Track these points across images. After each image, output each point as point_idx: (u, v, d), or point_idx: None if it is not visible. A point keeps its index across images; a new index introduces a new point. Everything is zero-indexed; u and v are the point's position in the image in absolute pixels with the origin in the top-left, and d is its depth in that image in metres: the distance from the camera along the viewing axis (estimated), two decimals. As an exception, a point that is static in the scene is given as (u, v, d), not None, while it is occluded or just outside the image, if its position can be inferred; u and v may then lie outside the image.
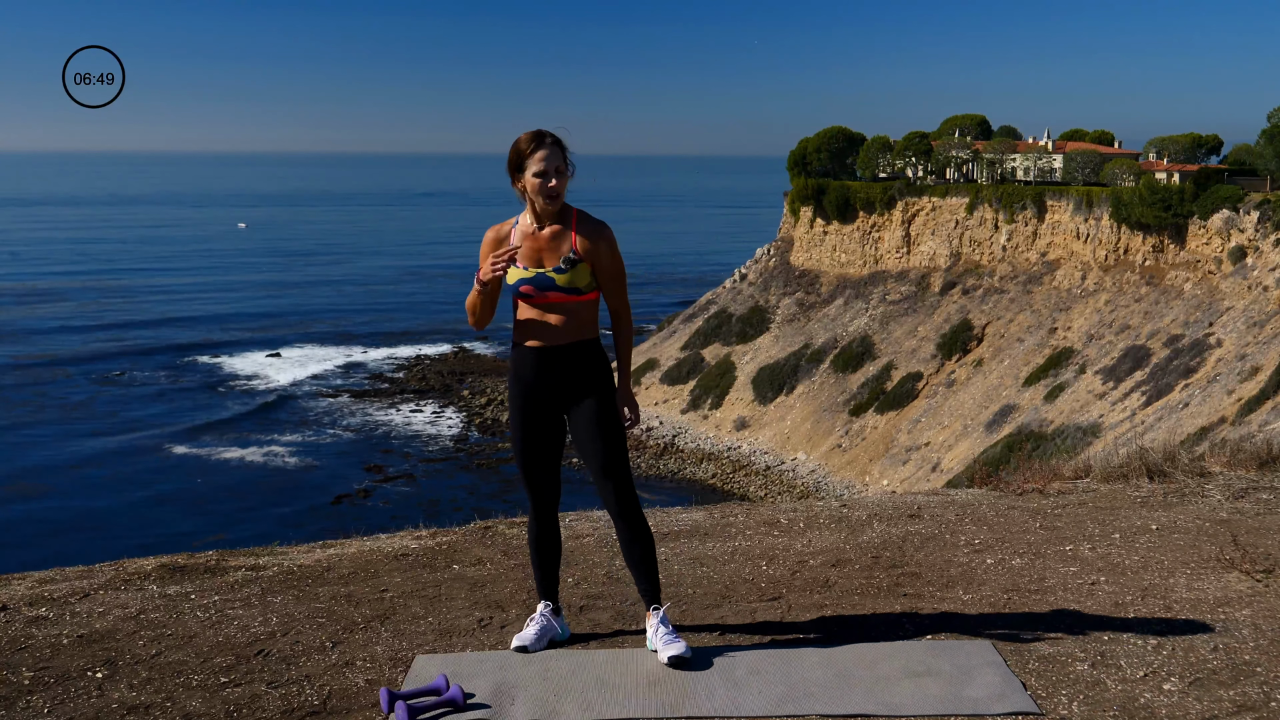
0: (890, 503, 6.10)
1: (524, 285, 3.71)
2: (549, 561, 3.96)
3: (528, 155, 3.64)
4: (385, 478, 50.55)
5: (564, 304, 3.72)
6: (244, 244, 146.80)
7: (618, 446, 3.78)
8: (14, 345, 73.79)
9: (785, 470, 53.58)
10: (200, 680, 3.62)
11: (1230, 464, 6.69)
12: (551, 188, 3.65)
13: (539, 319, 3.73)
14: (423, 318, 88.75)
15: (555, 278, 3.68)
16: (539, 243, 3.72)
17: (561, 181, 3.67)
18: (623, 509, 3.79)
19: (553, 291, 3.69)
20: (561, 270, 3.68)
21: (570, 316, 3.73)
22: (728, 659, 3.75)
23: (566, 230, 3.74)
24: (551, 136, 3.67)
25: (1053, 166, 60.08)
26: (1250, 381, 39.35)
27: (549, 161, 3.63)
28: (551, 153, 3.64)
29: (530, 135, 3.67)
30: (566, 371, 3.75)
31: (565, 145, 3.70)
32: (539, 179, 3.64)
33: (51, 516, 43.40)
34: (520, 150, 3.66)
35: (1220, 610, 4.24)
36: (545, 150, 3.63)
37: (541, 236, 3.73)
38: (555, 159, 3.65)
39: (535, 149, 3.64)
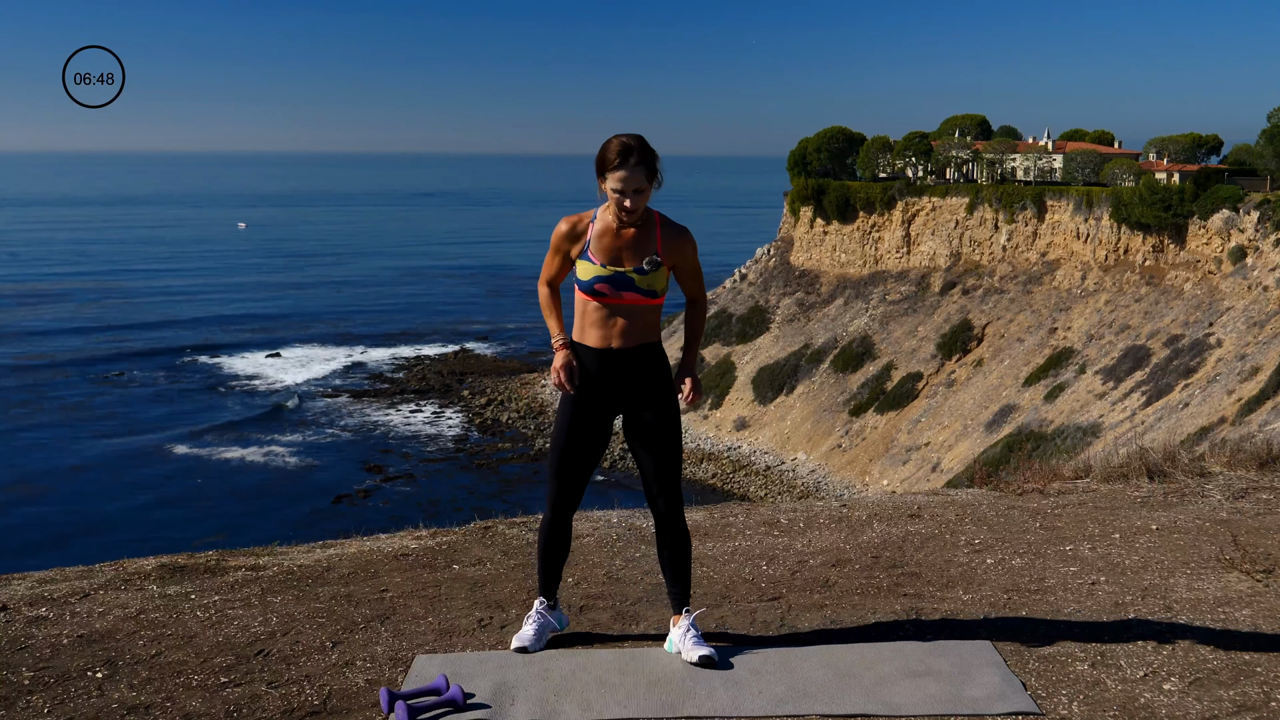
0: (890, 503, 6.10)
1: (600, 283, 3.64)
2: (556, 561, 3.92)
3: (610, 168, 3.57)
4: (385, 478, 50.55)
5: (636, 306, 3.68)
6: (244, 244, 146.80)
7: (676, 455, 3.79)
8: (14, 346, 73.78)
9: (785, 470, 53.59)
10: (200, 680, 3.62)
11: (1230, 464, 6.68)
12: (627, 207, 3.58)
13: (607, 319, 3.68)
14: (423, 318, 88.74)
15: (635, 278, 3.64)
16: (620, 241, 3.67)
17: (638, 200, 3.58)
18: (670, 515, 3.79)
19: (629, 292, 3.65)
20: (643, 272, 3.64)
21: (640, 320, 3.71)
22: (728, 659, 3.75)
23: (650, 232, 3.69)
24: (637, 156, 3.56)
25: (1053, 166, 60.07)
26: (1250, 381, 39.35)
27: (627, 183, 3.55)
28: (632, 175, 3.55)
29: (618, 148, 3.57)
30: (628, 374, 3.73)
31: (653, 159, 3.60)
32: (617, 195, 3.58)
33: (51, 516, 43.40)
34: (605, 159, 3.58)
35: (1220, 610, 4.24)
36: (625, 171, 3.54)
37: (625, 235, 3.68)
38: (635, 180, 3.56)
39: (618, 166, 3.55)
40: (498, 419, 60.20)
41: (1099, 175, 55.94)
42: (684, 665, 3.69)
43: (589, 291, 3.67)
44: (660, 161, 3.63)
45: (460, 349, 77.07)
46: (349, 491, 47.97)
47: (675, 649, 3.79)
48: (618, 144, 3.57)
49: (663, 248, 3.67)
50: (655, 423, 3.76)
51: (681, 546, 3.82)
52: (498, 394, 64.49)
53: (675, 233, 3.72)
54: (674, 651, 3.79)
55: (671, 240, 3.70)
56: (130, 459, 51.67)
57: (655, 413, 3.77)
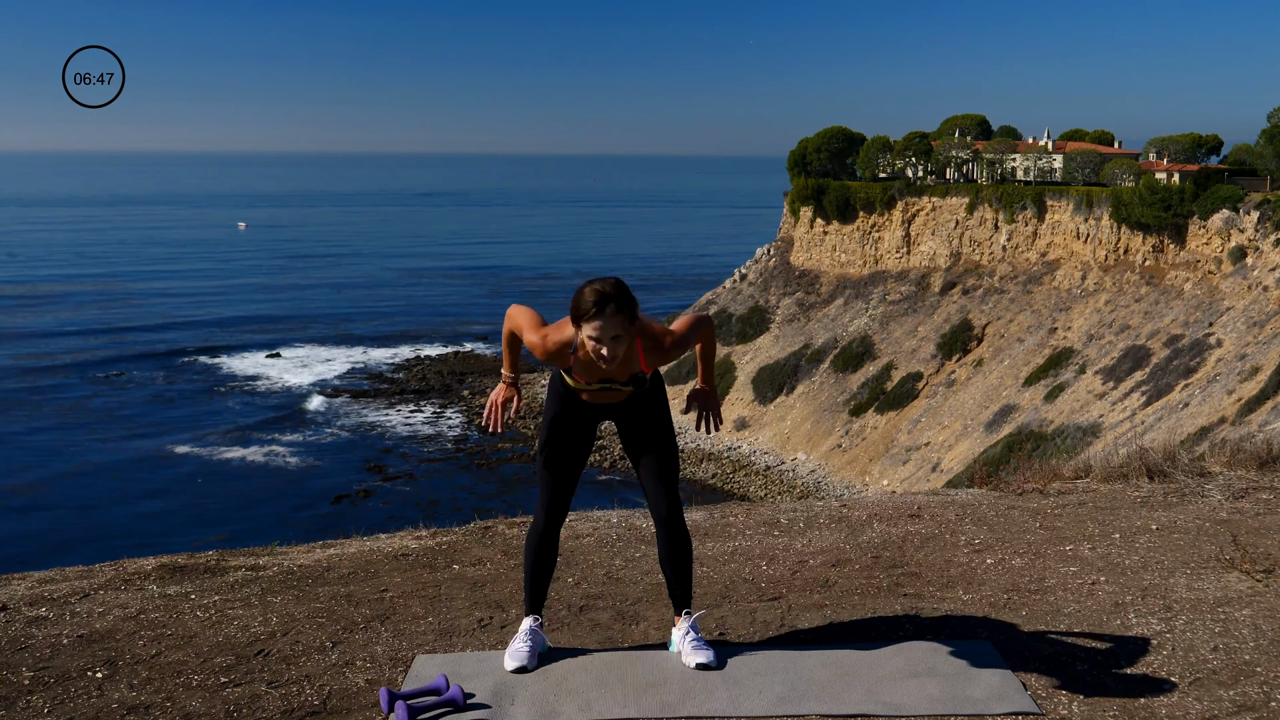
0: (890, 503, 6.10)
1: (585, 393, 3.73)
2: (544, 573, 3.87)
3: (585, 319, 3.47)
4: (385, 478, 50.56)
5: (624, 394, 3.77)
6: (244, 244, 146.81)
7: (673, 457, 3.79)
8: (13, 346, 73.78)
9: (785, 470, 53.59)
10: (200, 680, 3.62)
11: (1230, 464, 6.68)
12: (605, 355, 3.51)
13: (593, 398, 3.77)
14: (423, 318, 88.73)
15: (621, 388, 3.70)
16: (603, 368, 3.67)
17: (615, 347, 3.50)
18: (670, 517, 3.77)
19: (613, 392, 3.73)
20: (628, 385, 3.70)
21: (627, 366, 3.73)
22: (728, 659, 3.75)
23: (633, 352, 3.63)
24: (614, 304, 3.43)
25: (1053, 166, 60.08)
26: (1250, 381, 39.36)
27: (604, 331, 3.45)
28: (608, 323, 3.44)
29: (593, 298, 3.44)
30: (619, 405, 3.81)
31: (633, 304, 3.50)
32: (594, 343, 3.50)
33: (51, 516, 43.41)
34: (580, 308, 3.48)
35: (1220, 610, 4.24)
36: (601, 321, 3.44)
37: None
38: (612, 328, 3.45)
39: (594, 315, 3.44)
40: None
41: (1099, 175, 55.95)
42: (684, 665, 3.70)
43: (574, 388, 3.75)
44: (639, 307, 3.56)
45: (460, 349, 77.08)
46: (349, 491, 47.98)
47: (676, 650, 3.80)
48: (592, 294, 3.44)
49: (646, 362, 3.64)
50: (650, 427, 3.77)
51: (682, 548, 3.80)
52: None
53: (653, 341, 3.64)
54: (675, 652, 3.80)
55: (652, 351, 3.65)
56: (130, 459, 51.69)
57: (649, 417, 3.77)
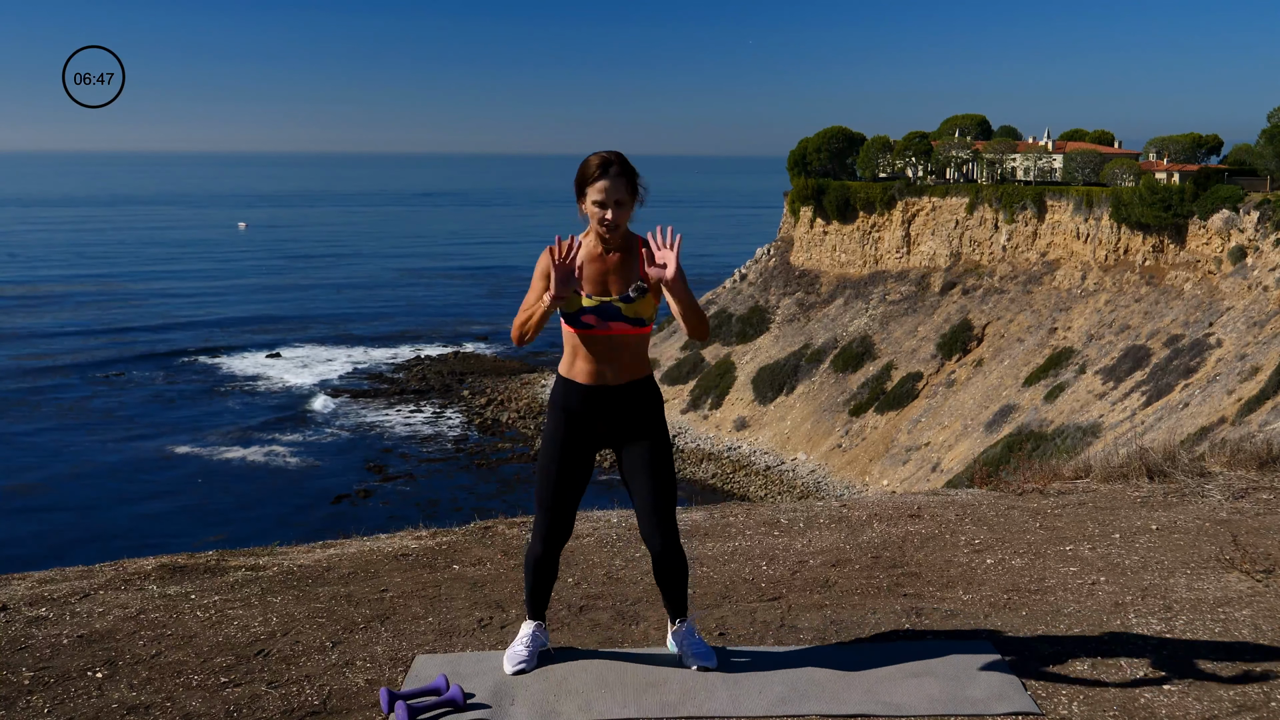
0: (890, 503, 6.10)
1: (587, 315, 3.57)
2: (545, 587, 3.83)
3: (590, 182, 3.50)
4: (385, 478, 50.56)
5: (625, 337, 3.60)
6: (244, 244, 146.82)
7: (670, 488, 3.72)
8: (13, 346, 73.77)
9: (785, 470, 53.58)
10: (200, 680, 3.62)
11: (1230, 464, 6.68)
12: (608, 220, 3.50)
13: (596, 354, 3.61)
14: (423, 318, 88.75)
15: (621, 307, 3.57)
16: (604, 267, 3.60)
17: (620, 213, 3.51)
18: (667, 549, 3.69)
19: (616, 323, 3.58)
20: (629, 299, 3.57)
21: (629, 352, 3.62)
22: (728, 659, 3.75)
23: (634, 257, 3.61)
24: (618, 166, 3.50)
25: (1053, 166, 60.09)
26: (1250, 381, 39.36)
27: (609, 193, 3.48)
28: (614, 184, 3.48)
29: (597, 161, 3.51)
30: (619, 410, 3.65)
31: (634, 173, 3.54)
32: (598, 209, 3.50)
33: (51, 517, 43.41)
34: (584, 174, 3.51)
35: (1220, 610, 4.24)
36: (607, 181, 3.47)
37: (608, 261, 3.60)
38: (617, 191, 3.48)
39: (598, 178, 3.48)
40: (498, 419, 60.20)
41: (1099, 175, 55.94)
42: (684, 666, 3.70)
43: (576, 325, 3.59)
44: (641, 179, 3.57)
45: (460, 349, 77.10)
46: (349, 491, 47.97)
47: (675, 649, 3.80)
48: (597, 158, 3.51)
49: (646, 271, 3.57)
50: (648, 457, 3.68)
51: (678, 571, 3.73)
52: (498, 394, 64.50)
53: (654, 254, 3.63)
54: (674, 651, 3.80)
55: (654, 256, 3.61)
56: (130, 460, 51.69)
57: (648, 446, 3.68)
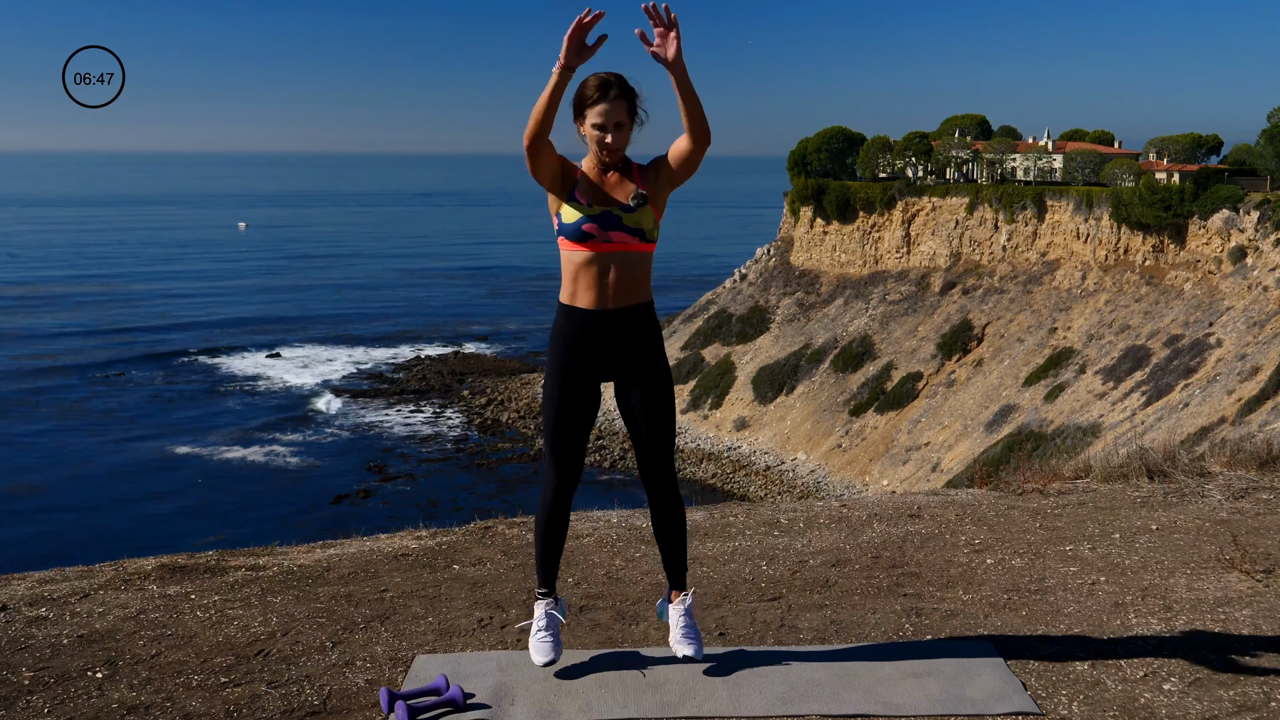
0: (890, 503, 6.09)
1: (588, 224, 3.47)
2: (556, 543, 3.75)
3: (589, 104, 3.42)
4: (385, 478, 50.57)
5: (626, 254, 3.51)
6: (244, 244, 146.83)
7: (671, 426, 3.66)
8: (13, 346, 73.78)
9: (785, 470, 53.59)
10: (200, 680, 3.62)
11: (1230, 464, 6.68)
12: (609, 144, 3.45)
13: (598, 274, 3.51)
14: (423, 318, 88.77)
15: (622, 216, 3.48)
16: (603, 182, 3.54)
17: (620, 136, 3.45)
18: (666, 487, 3.67)
19: (617, 232, 3.49)
20: (629, 209, 3.49)
21: (631, 272, 3.53)
22: (728, 659, 3.75)
23: (630, 174, 3.56)
24: (617, 89, 3.42)
25: (1053, 166, 60.11)
26: (1250, 381, 39.37)
27: (609, 116, 3.41)
28: (613, 107, 3.41)
29: (596, 83, 3.43)
30: (620, 337, 3.56)
31: (635, 94, 3.47)
32: (597, 131, 3.44)
33: (51, 517, 43.43)
34: (583, 95, 3.44)
35: (1220, 610, 4.24)
36: (607, 104, 3.40)
37: (607, 179, 3.55)
38: (617, 113, 3.42)
39: (597, 100, 3.41)
40: (497, 419, 60.21)
41: (1099, 175, 55.96)
42: (683, 665, 3.70)
43: (576, 236, 3.49)
44: (641, 99, 3.51)
45: (460, 349, 77.11)
46: (349, 491, 47.99)
47: (665, 618, 3.81)
48: (596, 79, 3.43)
49: (642, 180, 3.55)
50: (649, 394, 3.63)
51: (677, 519, 3.72)
52: (498, 394, 64.51)
53: (651, 165, 3.61)
54: (663, 619, 3.83)
55: (649, 172, 3.58)
56: (130, 460, 51.69)
57: (649, 384, 3.63)
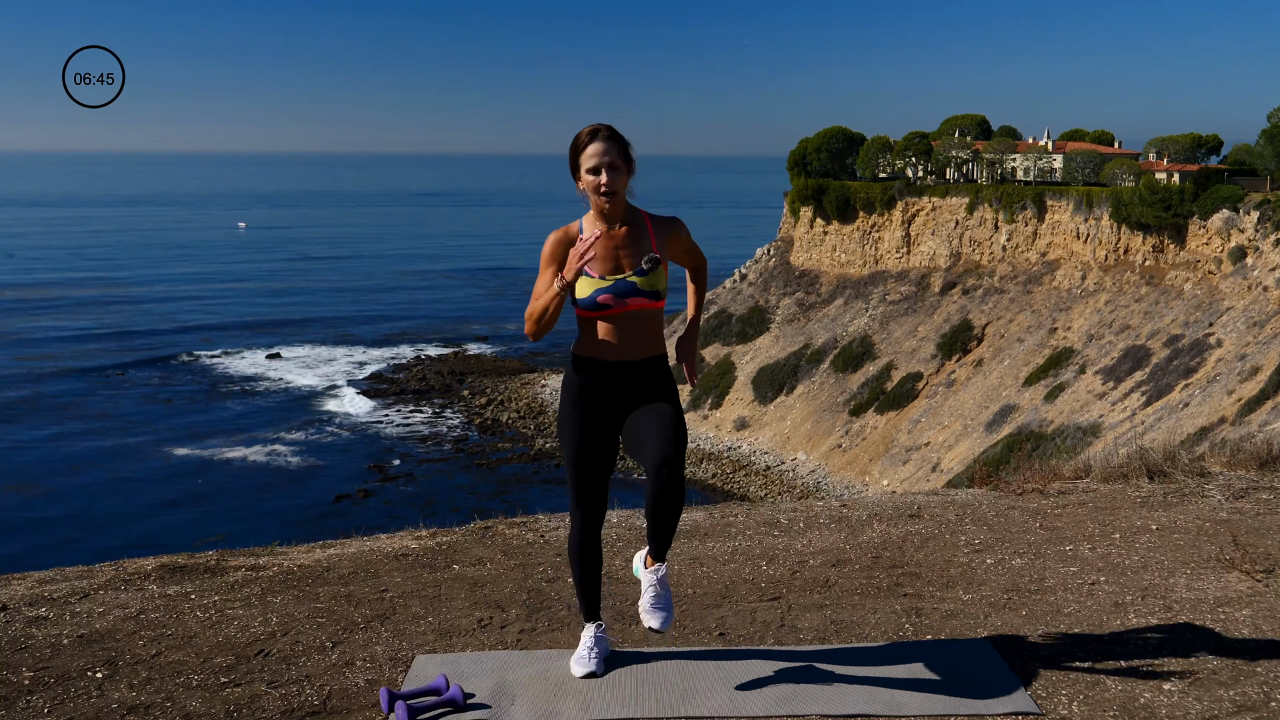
0: (890, 503, 6.09)
1: (603, 295, 3.48)
2: (594, 577, 3.76)
3: (581, 151, 3.47)
4: (385, 478, 50.57)
5: (642, 312, 3.54)
6: (244, 245, 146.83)
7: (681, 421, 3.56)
8: (12, 346, 73.78)
9: (785, 470, 53.58)
10: (200, 680, 3.62)
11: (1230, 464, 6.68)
12: (604, 184, 3.45)
13: (614, 332, 3.54)
14: (423, 318, 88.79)
15: (637, 281, 3.49)
16: (613, 243, 3.53)
17: (615, 177, 3.46)
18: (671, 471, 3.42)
19: (634, 298, 3.50)
20: (643, 273, 3.50)
21: (645, 328, 3.57)
22: (728, 659, 3.75)
23: (642, 230, 3.56)
24: (607, 130, 3.48)
25: (1053, 166, 60.09)
26: (1250, 381, 39.36)
27: (601, 156, 3.45)
28: (606, 147, 3.45)
29: (587, 131, 3.49)
30: (635, 387, 3.59)
31: (625, 140, 3.51)
32: (592, 176, 3.46)
33: (51, 517, 43.42)
34: (576, 147, 3.49)
35: (1220, 610, 4.24)
36: (599, 144, 3.45)
37: (616, 236, 3.53)
38: (610, 153, 3.45)
39: (588, 143, 3.47)
40: (498, 419, 60.20)
41: (1099, 175, 55.95)
42: (683, 665, 3.70)
43: (591, 307, 3.51)
44: (633, 149, 3.54)
45: (460, 349, 77.12)
46: (349, 491, 47.99)
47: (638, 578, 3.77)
48: (586, 129, 3.50)
49: (657, 243, 3.56)
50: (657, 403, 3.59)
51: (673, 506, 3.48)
52: (498, 394, 64.51)
53: (666, 225, 3.63)
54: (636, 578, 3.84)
55: (664, 234, 3.61)
56: (130, 460, 51.69)
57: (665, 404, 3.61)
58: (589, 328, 3.57)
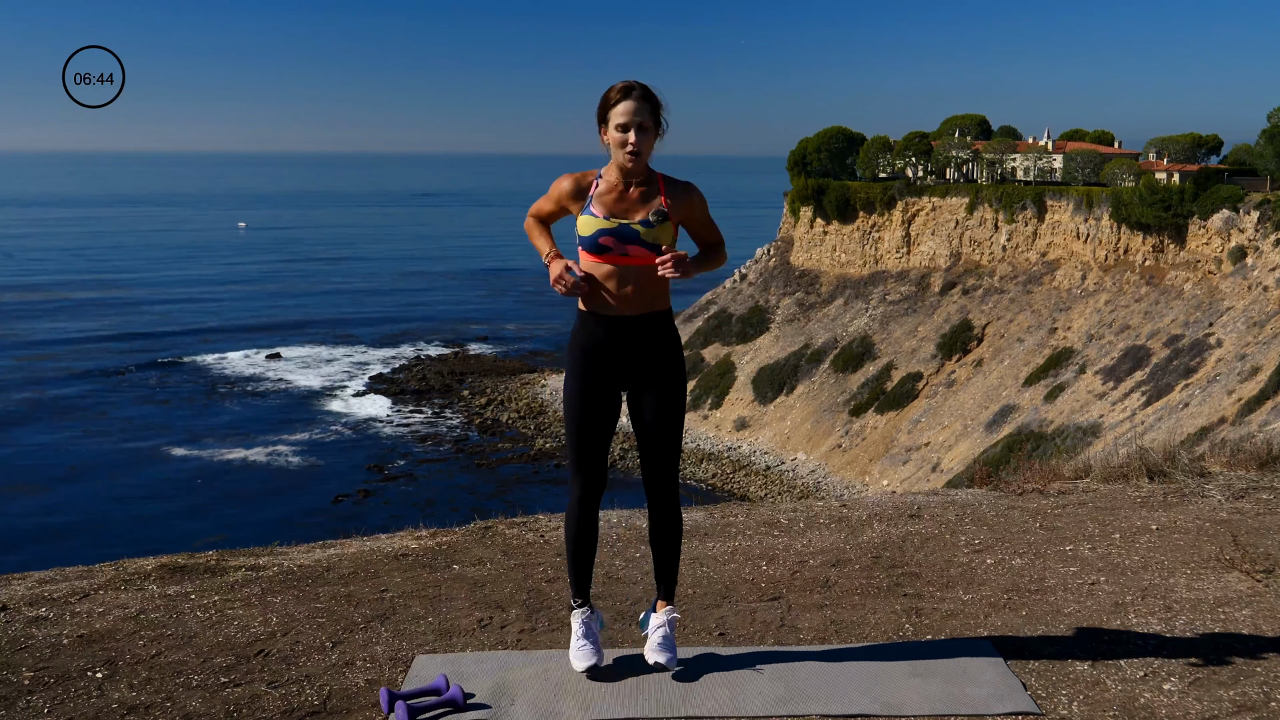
0: (890, 503, 6.09)
1: (604, 236, 3.45)
2: (587, 552, 3.73)
3: (612, 106, 3.39)
4: (385, 478, 50.57)
5: (645, 266, 3.49)
6: (244, 245, 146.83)
7: (678, 439, 3.65)
8: (12, 346, 73.78)
9: (785, 470, 53.58)
10: (200, 680, 3.62)
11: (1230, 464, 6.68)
12: (632, 144, 3.39)
13: (613, 284, 3.49)
14: (423, 318, 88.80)
15: (641, 230, 3.44)
16: (625, 196, 3.49)
17: (644, 139, 3.40)
18: (667, 497, 3.66)
19: (634, 245, 3.45)
20: (649, 224, 3.45)
21: (647, 282, 3.51)
22: (728, 659, 3.75)
23: (655, 188, 3.51)
24: (641, 90, 3.40)
25: (1053, 166, 60.11)
26: (1250, 381, 39.36)
27: (632, 115, 3.37)
28: (637, 106, 3.37)
29: (620, 86, 3.41)
30: (638, 344, 3.55)
31: (659, 101, 3.43)
32: (620, 133, 3.39)
33: (51, 517, 43.42)
34: (606, 99, 3.41)
35: (1220, 610, 4.24)
36: (631, 103, 3.37)
37: (630, 193, 3.50)
38: (640, 113, 3.38)
39: (620, 100, 3.38)
40: (498, 419, 60.20)
41: (1099, 175, 55.96)
42: (684, 665, 3.70)
43: (592, 248, 3.47)
44: (665, 109, 3.47)
45: (460, 349, 77.13)
46: (349, 491, 47.99)
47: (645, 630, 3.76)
48: (619, 84, 3.42)
49: (668, 201, 3.51)
50: (661, 406, 3.63)
51: (674, 530, 3.70)
52: (498, 394, 64.52)
53: (681, 188, 3.56)
54: (644, 630, 3.76)
55: (678, 195, 3.54)
56: (129, 460, 51.69)
57: (662, 394, 3.62)
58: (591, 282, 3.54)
